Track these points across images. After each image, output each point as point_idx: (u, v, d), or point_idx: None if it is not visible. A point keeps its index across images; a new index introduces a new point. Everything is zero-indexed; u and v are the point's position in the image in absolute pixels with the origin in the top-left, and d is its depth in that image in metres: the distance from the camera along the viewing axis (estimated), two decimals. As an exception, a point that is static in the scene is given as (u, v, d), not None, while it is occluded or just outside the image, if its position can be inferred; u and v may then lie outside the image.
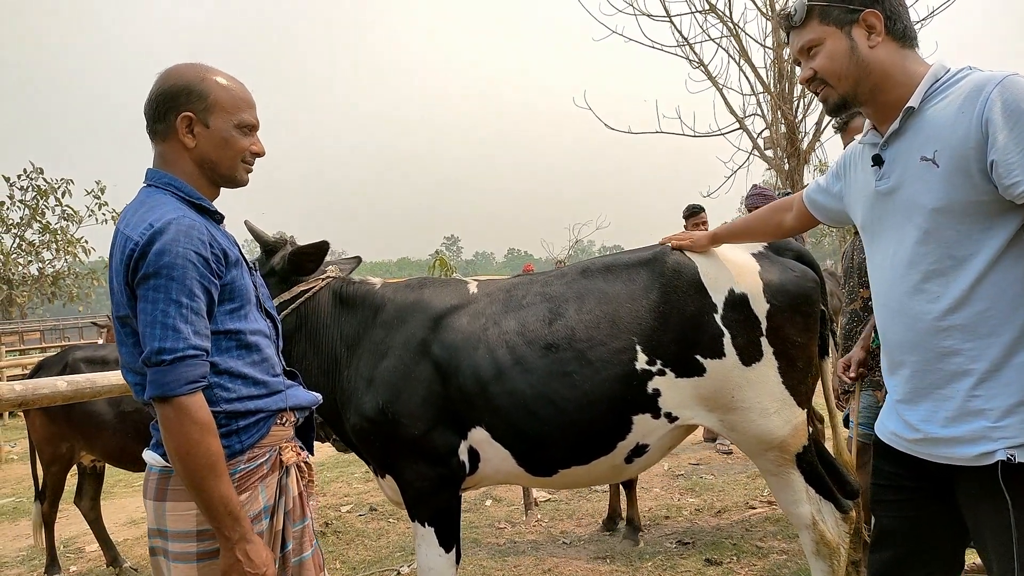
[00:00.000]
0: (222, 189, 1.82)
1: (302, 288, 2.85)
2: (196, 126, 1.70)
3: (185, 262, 1.56)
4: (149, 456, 1.72)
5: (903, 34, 1.67)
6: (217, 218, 1.78)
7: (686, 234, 2.75)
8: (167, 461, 1.62)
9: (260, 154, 1.82)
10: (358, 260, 3.35)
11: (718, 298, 2.59)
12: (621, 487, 4.73)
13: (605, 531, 4.72)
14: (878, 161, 1.71)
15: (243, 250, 1.84)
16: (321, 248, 2.85)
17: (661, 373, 2.59)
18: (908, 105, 1.62)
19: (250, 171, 1.83)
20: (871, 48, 1.66)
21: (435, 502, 2.73)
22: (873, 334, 3.17)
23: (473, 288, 2.90)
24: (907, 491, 1.78)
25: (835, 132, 3.88)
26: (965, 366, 1.58)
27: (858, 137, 1.86)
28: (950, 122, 1.55)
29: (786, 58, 8.04)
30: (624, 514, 4.70)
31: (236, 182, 1.80)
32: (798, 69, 1.82)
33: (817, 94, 1.77)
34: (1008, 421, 1.53)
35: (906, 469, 1.76)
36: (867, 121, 1.81)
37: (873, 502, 1.90)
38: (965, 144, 1.51)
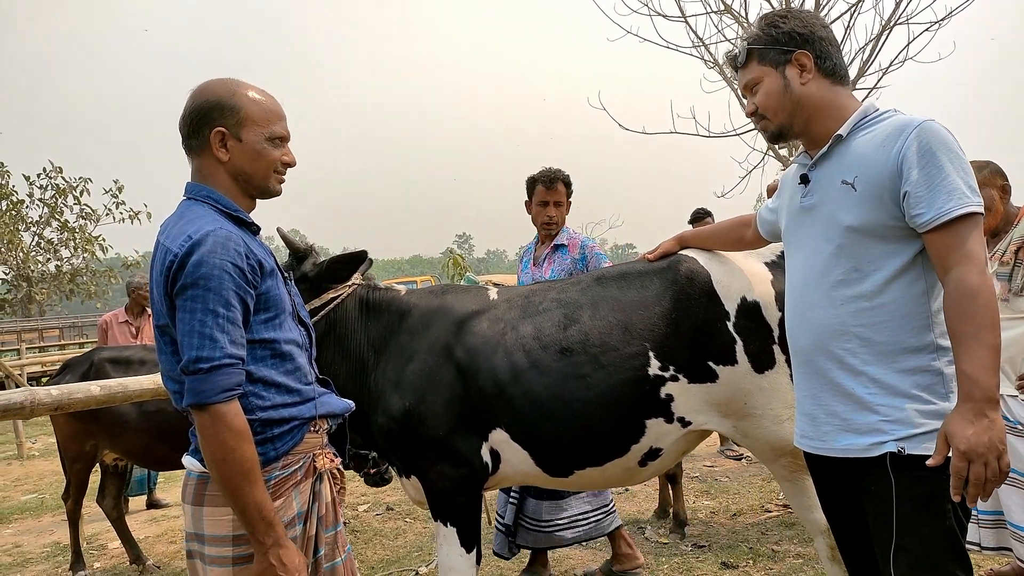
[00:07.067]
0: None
1: (332, 295, 2.92)
2: (229, 140, 1.76)
3: (222, 273, 1.61)
4: (188, 461, 1.78)
5: (832, 71, 1.88)
6: (253, 229, 1.84)
7: (656, 248, 2.87)
8: (205, 467, 1.68)
9: (292, 164, 1.87)
10: (370, 262, 3.42)
11: (731, 306, 2.63)
12: (668, 482, 4.82)
13: (657, 523, 4.87)
14: (805, 180, 1.92)
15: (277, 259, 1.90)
16: (358, 257, 2.93)
17: (674, 379, 2.64)
18: (837, 133, 1.82)
19: (282, 181, 1.89)
20: (803, 84, 1.86)
21: (457, 502, 2.79)
22: None
23: (493, 294, 2.97)
24: (830, 489, 1.97)
25: None
26: (860, 368, 1.77)
27: (793, 158, 2.05)
28: (871, 154, 1.75)
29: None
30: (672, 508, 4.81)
31: (270, 193, 1.86)
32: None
33: (758, 126, 1.97)
34: (897, 416, 1.72)
35: (823, 469, 1.94)
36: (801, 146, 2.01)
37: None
38: (882, 174, 1.72)
